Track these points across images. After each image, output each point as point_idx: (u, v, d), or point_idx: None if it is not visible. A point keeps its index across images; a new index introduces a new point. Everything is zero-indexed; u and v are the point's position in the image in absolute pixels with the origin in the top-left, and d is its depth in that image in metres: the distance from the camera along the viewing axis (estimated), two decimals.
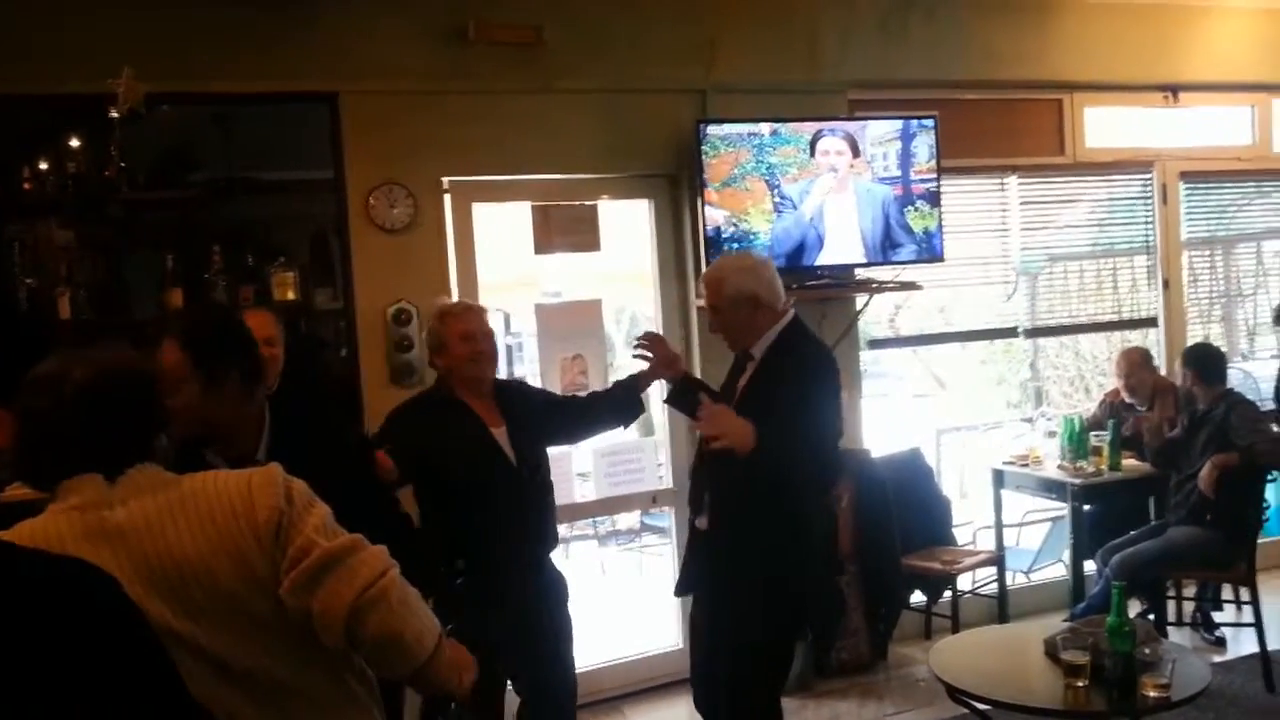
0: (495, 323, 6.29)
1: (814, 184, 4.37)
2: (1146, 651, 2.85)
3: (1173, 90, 5.36)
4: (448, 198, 4.14)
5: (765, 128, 4.29)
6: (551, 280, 5.68)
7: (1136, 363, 4.94)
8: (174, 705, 1.45)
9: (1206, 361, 4.49)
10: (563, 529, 6.45)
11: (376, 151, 3.96)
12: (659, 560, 5.79)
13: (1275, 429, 4.53)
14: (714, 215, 4.23)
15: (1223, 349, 4.93)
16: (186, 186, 3.88)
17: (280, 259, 3.88)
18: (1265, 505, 4.40)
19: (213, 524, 1.51)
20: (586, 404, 3.40)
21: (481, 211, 4.27)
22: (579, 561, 6.64)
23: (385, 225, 3.98)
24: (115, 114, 3.29)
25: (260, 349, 3.26)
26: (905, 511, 4.73)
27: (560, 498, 4.37)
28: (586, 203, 4.42)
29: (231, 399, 2.13)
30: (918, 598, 4.85)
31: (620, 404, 3.33)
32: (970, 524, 5.55)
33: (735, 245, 4.24)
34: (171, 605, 1.47)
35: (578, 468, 4.61)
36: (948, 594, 4.70)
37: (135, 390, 1.59)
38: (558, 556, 3.34)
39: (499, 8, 4.07)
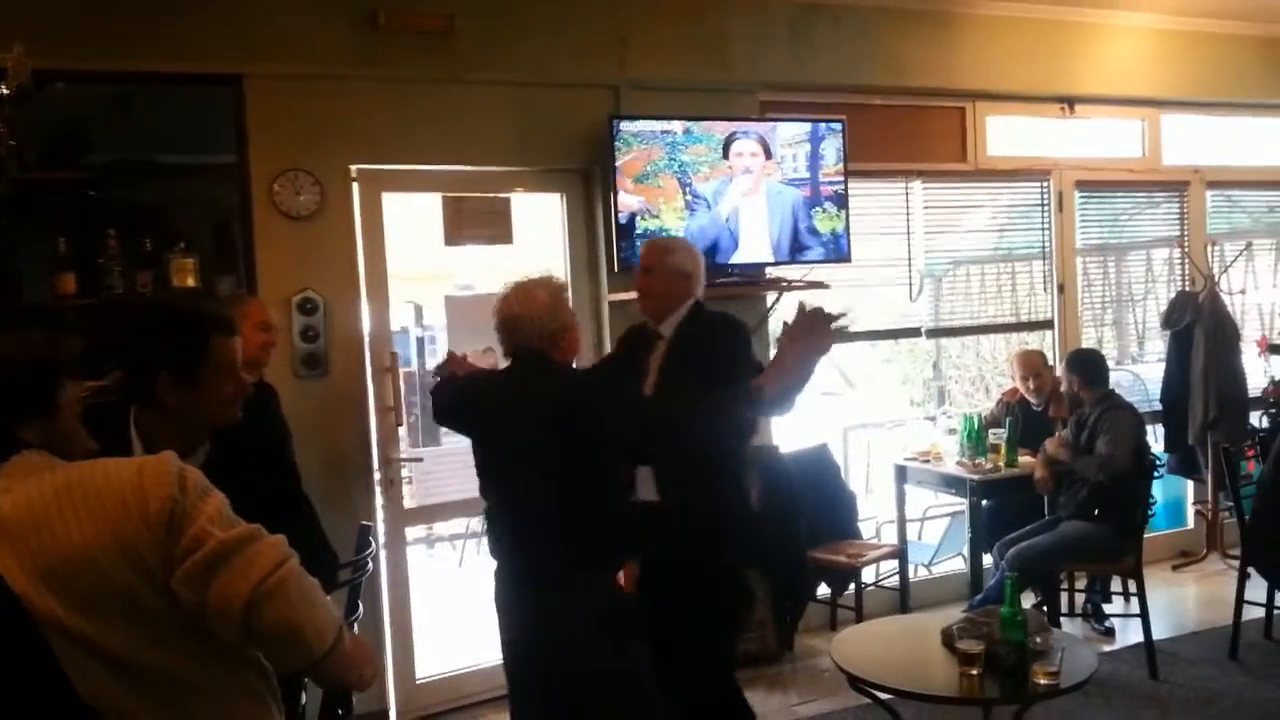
0: (407, 315, 6.26)
1: (730, 185, 4.41)
2: (1038, 641, 2.94)
3: (1069, 102, 5.57)
4: (356, 186, 4.08)
5: (678, 125, 4.32)
6: (464, 273, 5.63)
7: (1038, 364, 5.13)
8: (56, 703, 1.40)
9: (1088, 366, 4.67)
10: (475, 523, 6.47)
11: (282, 137, 3.87)
12: None
13: (1147, 439, 4.70)
14: (627, 207, 4.24)
15: (1109, 352, 5.11)
16: (81, 168, 3.74)
17: (180, 245, 3.75)
18: (1152, 501, 4.59)
19: (102, 514, 1.46)
20: None
21: (391, 201, 4.20)
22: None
23: (290, 212, 3.89)
24: (4, 90, 3.15)
25: (260, 335, 3.31)
26: (812, 506, 4.82)
27: (471, 493, 4.37)
28: (500, 195, 4.39)
29: None
30: (823, 590, 4.94)
31: None
32: (874, 519, 5.68)
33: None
34: (60, 599, 1.42)
35: None
36: (852, 587, 4.81)
37: None
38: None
39: None
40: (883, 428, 6.78)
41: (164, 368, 1.86)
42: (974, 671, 2.88)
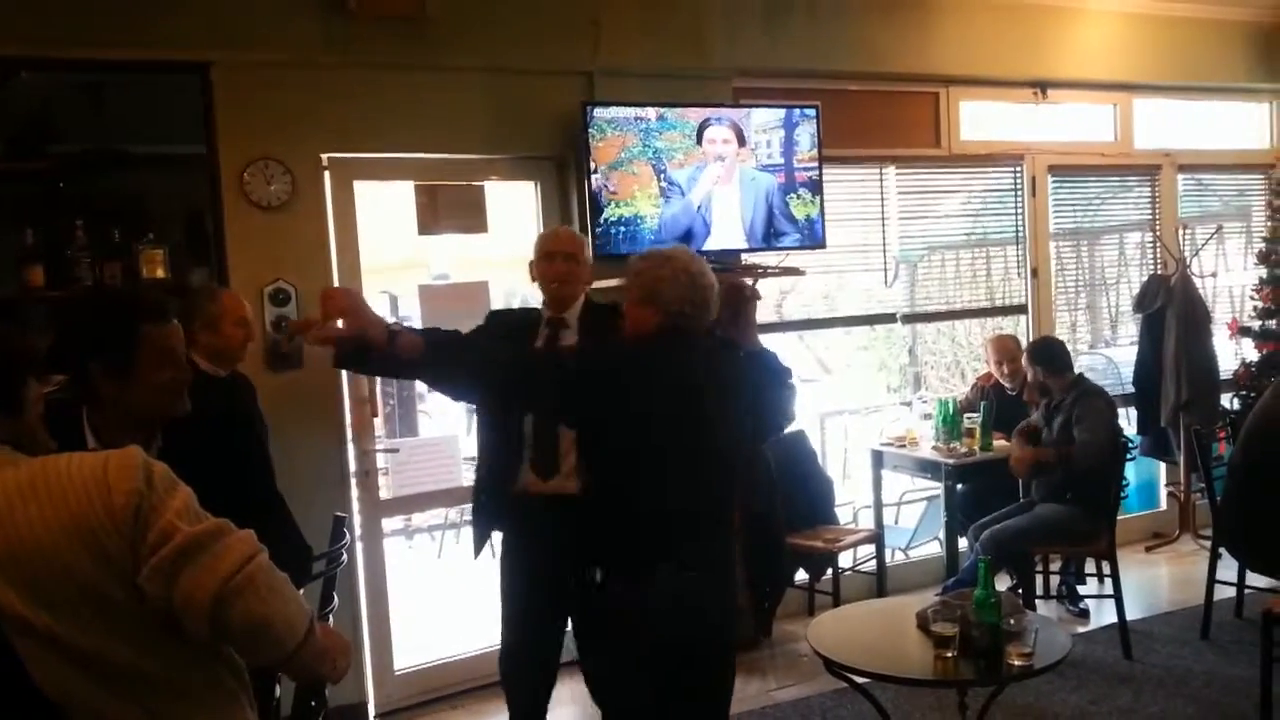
0: (382, 305, 6.23)
1: (703, 171, 4.41)
2: (1011, 622, 2.95)
3: (1042, 87, 5.59)
4: (327, 175, 4.04)
5: (652, 112, 4.31)
6: (439, 263, 5.60)
7: (1012, 349, 5.16)
8: (17, 700, 1.38)
9: (1050, 356, 4.69)
10: (453, 513, 6.46)
11: (251, 125, 3.83)
12: None
13: (1119, 422, 4.74)
14: (600, 200, 4.22)
15: (1082, 336, 5.12)
16: (48, 158, 3.68)
17: (149, 236, 3.71)
18: (1124, 483, 4.63)
19: (66, 508, 1.44)
20: None
21: (364, 190, 4.17)
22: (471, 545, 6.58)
23: (261, 202, 3.85)
24: None
25: (240, 331, 3.29)
26: (790, 492, 4.83)
27: (448, 483, 4.37)
28: (473, 183, 4.36)
29: None
30: (801, 575, 4.96)
31: None
32: (851, 504, 5.71)
33: (622, 229, 4.25)
34: (22, 593, 1.40)
35: (465, 452, 4.58)
36: (830, 572, 4.83)
37: None
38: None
39: None
40: (859, 413, 6.82)
41: (92, 358, 1.85)
42: (949, 654, 2.89)
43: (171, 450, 1.93)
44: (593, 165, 4.19)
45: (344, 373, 4.07)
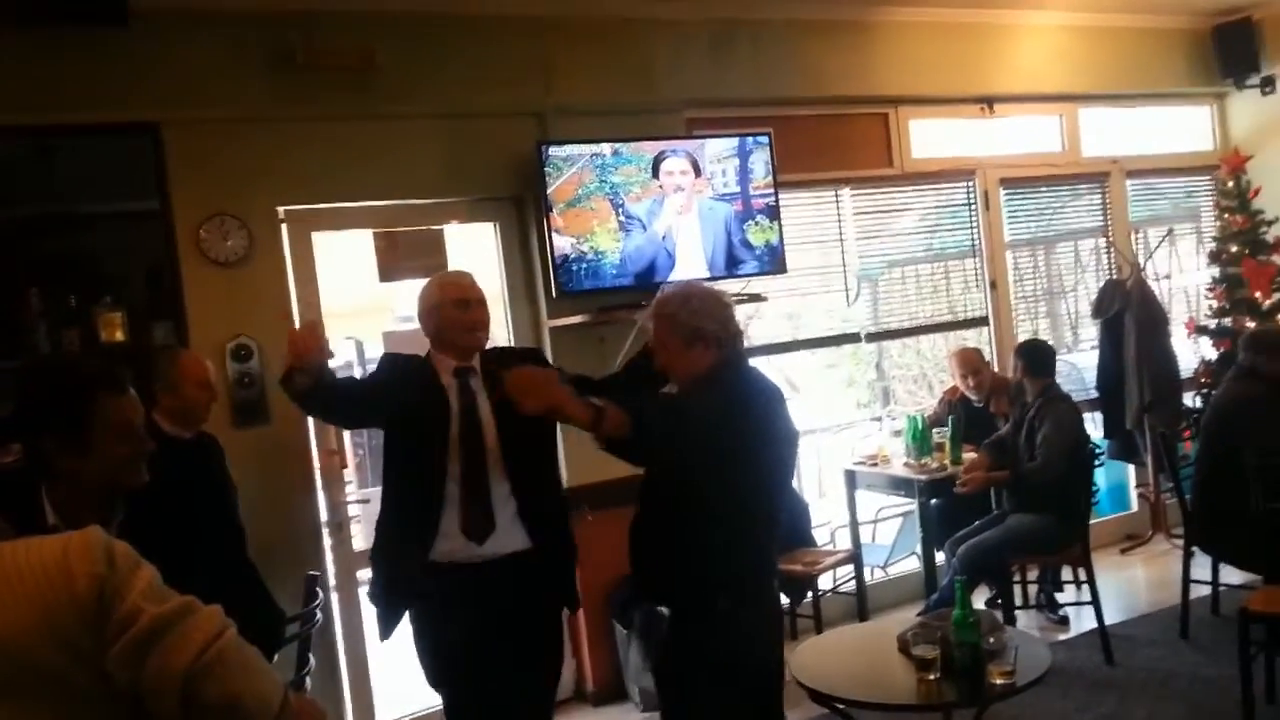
0: (349, 350, 6.19)
1: (664, 204, 4.43)
2: (991, 641, 2.97)
3: (989, 102, 5.68)
4: (284, 227, 4.02)
5: (606, 148, 4.33)
6: (403, 306, 5.56)
7: (976, 362, 5.20)
8: None
9: (1035, 356, 4.74)
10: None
11: (205, 182, 3.81)
12: None
13: (1086, 429, 4.78)
14: (560, 237, 4.23)
15: (1051, 343, 5.20)
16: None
17: (106, 298, 3.67)
18: (1095, 489, 4.67)
19: (24, 595, 1.40)
20: None
21: (323, 240, 4.15)
22: None
23: (219, 259, 3.83)
24: None
25: (204, 394, 3.24)
26: None
27: None
28: (433, 227, 4.36)
29: None
30: (782, 600, 4.94)
31: None
32: (829, 524, 5.71)
33: (584, 265, 4.26)
34: None
35: None
36: (810, 595, 4.82)
37: None
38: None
39: (326, 31, 3.97)
40: (830, 430, 6.84)
41: (44, 431, 1.80)
42: (931, 677, 2.90)
43: (137, 521, 1.90)
44: (550, 203, 4.20)
45: (311, 425, 4.03)
